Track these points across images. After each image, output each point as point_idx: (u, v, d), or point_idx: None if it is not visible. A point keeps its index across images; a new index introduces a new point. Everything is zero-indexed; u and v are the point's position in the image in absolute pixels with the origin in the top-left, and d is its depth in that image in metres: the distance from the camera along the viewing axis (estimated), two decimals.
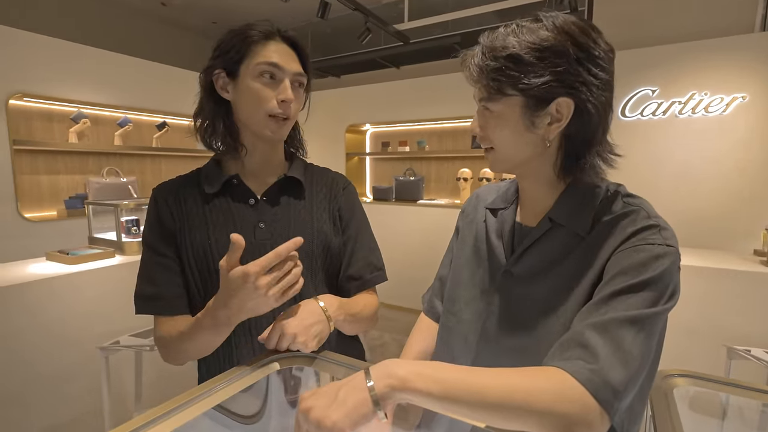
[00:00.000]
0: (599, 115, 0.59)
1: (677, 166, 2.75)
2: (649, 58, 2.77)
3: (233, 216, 0.81)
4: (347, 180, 0.96)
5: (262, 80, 0.76)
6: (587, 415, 0.45)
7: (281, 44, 0.79)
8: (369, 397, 0.45)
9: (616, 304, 0.52)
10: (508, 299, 0.66)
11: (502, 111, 0.60)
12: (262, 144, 0.83)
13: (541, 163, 0.63)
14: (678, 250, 0.56)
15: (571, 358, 0.49)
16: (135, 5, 4.44)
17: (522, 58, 0.56)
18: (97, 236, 2.10)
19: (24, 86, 2.49)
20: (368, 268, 0.89)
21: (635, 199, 0.63)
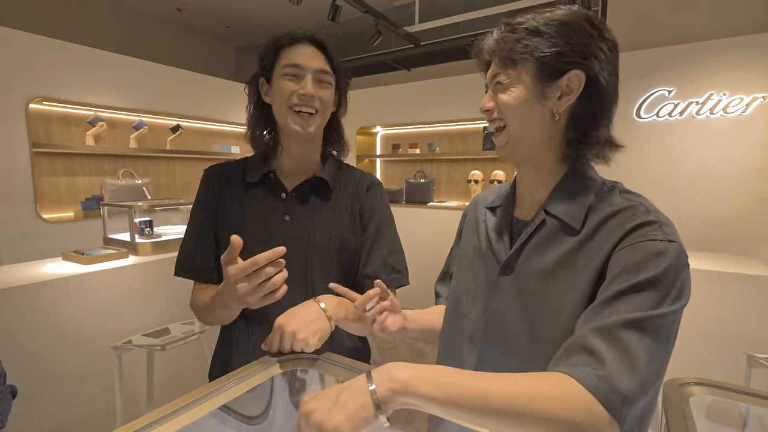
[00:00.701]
0: (608, 95, 0.60)
1: (694, 167, 2.69)
2: (665, 58, 2.72)
3: (265, 206, 0.88)
4: (375, 180, 0.98)
5: (286, 78, 0.83)
6: (596, 423, 0.44)
7: (308, 46, 0.85)
8: (371, 401, 0.44)
9: (619, 306, 0.50)
10: (509, 295, 0.65)
11: (514, 80, 0.61)
12: (296, 144, 0.89)
13: (546, 148, 0.63)
14: (681, 245, 0.54)
15: (577, 364, 0.47)
16: (151, 11, 4.53)
17: (539, 30, 0.59)
18: (111, 237, 2.14)
19: (43, 90, 2.55)
20: (385, 269, 0.90)
21: (634, 195, 0.61)
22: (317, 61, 0.84)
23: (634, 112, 2.84)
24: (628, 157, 2.53)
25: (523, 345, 0.61)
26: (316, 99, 0.83)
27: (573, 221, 0.60)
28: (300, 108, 0.83)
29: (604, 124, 0.61)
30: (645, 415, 0.48)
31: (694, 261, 1.91)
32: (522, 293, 0.63)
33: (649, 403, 0.49)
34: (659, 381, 0.52)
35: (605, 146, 0.61)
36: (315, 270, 0.87)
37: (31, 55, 2.48)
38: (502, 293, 0.66)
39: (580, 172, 0.63)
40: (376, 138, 4.34)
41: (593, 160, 0.63)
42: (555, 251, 0.61)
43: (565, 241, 0.60)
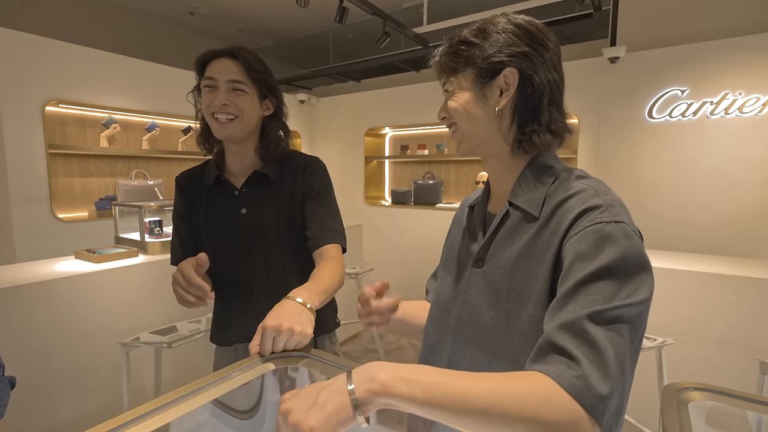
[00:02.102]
0: (543, 86, 0.63)
1: (709, 169, 2.62)
2: (678, 57, 2.66)
3: (224, 204, 1.04)
4: (312, 160, 1.10)
5: (205, 90, 0.96)
6: (575, 421, 0.43)
7: (224, 60, 0.96)
8: (349, 402, 0.44)
9: (580, 298, 0.50)
10: (481, 287, 0.66)
11: (457, 87, 0.67)
12: (230, 146, 1.03)
13: (497, 141, 0.67)
14: (631, 225, 0.54)
15: (552, 362, 0.47)
16: (164, 14, 4.62)
17: (469, 40, 0.65)
18: (122, 236, 2.18)
19: (59, 93, 2.63)
20: (323, 229, 1.01)
21: (587, 180, 0.62)
22: (230, 74, 0.95)
23: (646, 112, 2.78)
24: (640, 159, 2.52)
25: (496, 335, 0.63)
26: (231, 105, 0.94)
27: (532, 209, 0.62)
28: (217, 115, 0.95)
29: (543, 108, 0.65)
30: (619, 409, 0.47)
31: (709, 265, 1.87)
32: (492, 284, 0.64)
33: (623, 399, 0.48)
34: (631, 371, 0.50)
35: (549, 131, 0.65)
36: (271, 250, 1.02)
37: (46, 59, 2.56)
38: (474, 286, 0.67)
39: (541, 163, 0.66)
40: (385, 139, 4.34)
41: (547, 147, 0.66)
42: (519, 241, 0.62)
43: (527, 230, 0.62)
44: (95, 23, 4.23)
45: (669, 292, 1.84)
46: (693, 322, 1.81)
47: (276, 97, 1.05)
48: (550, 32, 0.67)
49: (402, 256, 3.84)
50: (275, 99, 1.05)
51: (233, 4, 4.35)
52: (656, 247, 2.63)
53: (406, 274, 3.81)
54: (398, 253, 3.87)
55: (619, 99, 2.88)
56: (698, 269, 1.81)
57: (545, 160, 0.66)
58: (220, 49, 0.97)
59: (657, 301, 1.84)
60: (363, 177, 4.15)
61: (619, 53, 2.75)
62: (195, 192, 1.06)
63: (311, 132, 4.58)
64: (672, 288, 1.84)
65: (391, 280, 0.84)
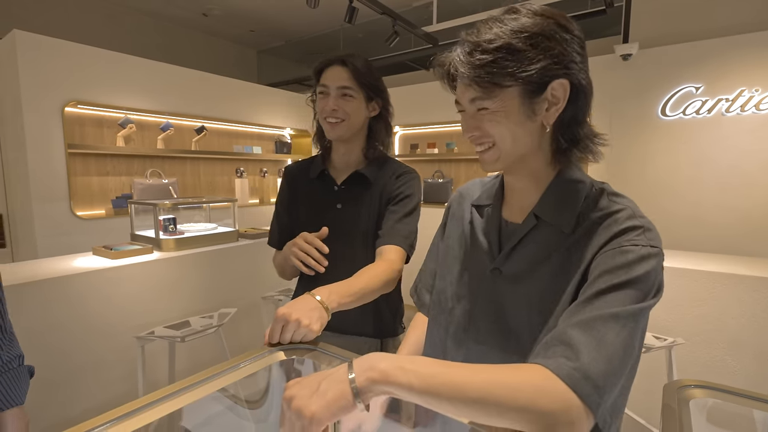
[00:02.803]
0: (589, 93, 0.60)
1: (724, 167, 2.58)
2: (692, 53, 2.62)
3: (323, 197, 1.13)
4: (407, 169, 1.15)
5: (320, 97, 1.07)
6: (570, 411, 0.44)
7: (335, 67, 1.04)
8: (350, 390, 0.46)
9: (599, 303, 0.51)
10: (497, 298, 0.65)
11: (501, 105, 0.58)
12: (338, 146, 1.12)
13: (535, 155, 0.63)
14: (662, 250, 0.55)
15: (553, 355, 0.48)
16: (178, 16, 4.71)
17: (515, 46, 0.55)
18: (138, 233, 2.24)
19: (78, 94, 2.70)
20: (392, 231, 1.04)
21: (621, 198, 0.61)
22: (339, 80, 1.03)
23: (659, 110, 2.74)
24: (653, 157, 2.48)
25: (511, 344, 0.62)
26: (339, 110, 1.03)
27: (565, 226, 0.60)
28: (329, 119, 1.04)
29: (585, 118, 0.62)
30: (618, 406, 0.48)
31: (722, 265, 1.84)
32: (511, 296, 0.64)
33: (620, 395, 0.49)
34: (632, 371, 0.52)
35: (589, 140, 0.62)
36: (357, 246, 1.08)
37: (66, 61, 2.64)
38: (491, 294, 0.66)
39: (569, 175, 0.63)
40: (395, 138, 4.36)
41: (582, 158, 0.63)
42: (544, 254, 0.61)
43: (557, 246, 0.61)
44: (113, 26, 4.33)
45: (681, 291, 1.82)
46: (705, 323, 1.78)
47: (382, 99, 1.12)
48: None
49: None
50: (381, 100, 1.11)
51: (245, 5, 4.41)
52: (670, 247, 2.59)
53: (415, 271, 3.82)
54: None
55: (632, 97, 2.84)
56: (710, 269, 1.78)
57: (573, 173, 0.63)
58: (334, 57, 1.05)
59: (669, 301, 1.82)
60: None
61: (632, 50, 2.72)
62: (300, 182, 1.16)
63: None
64: (684, 288, 1.82)
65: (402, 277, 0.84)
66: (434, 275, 0.82)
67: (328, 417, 0.45)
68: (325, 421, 0.45)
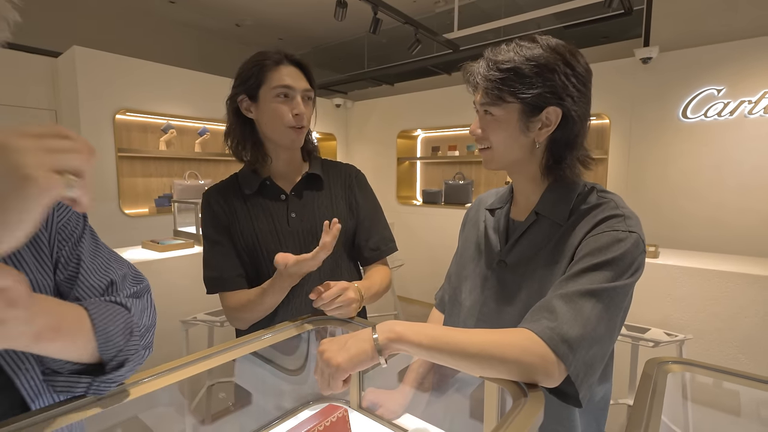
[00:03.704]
0: (580, 123, 0.70)
1: (747, 169, 2.57)
2: (714, 56, 2.63)
3: (270, 210, 1.00)
4: (356, 169, 1.13)
5: (278, 100, 0.93)
6: (547, 364, 0.56)
7: (290, 67, 0.95)
8: (372, 347, 0.59)
9: (581, 280, 0.62)
10: (502, 285, 0.77)
11: (502, 115, 0.70)
12: (284, 151, 1.01)
13: (529, 162, 0.74)
14: (640, 235, 0.65)
15: (538, 320, 0.60)
16: (214, 28, 5.00)
17: (522, 71, 0.67)
18: (180, 229, 2.46)
19: (127, 103, 2.97)
20: (384, 241, 1.08)
21: (608, 194, 0.72)
22: (302, 82, 0.95)
23: (680, 112, 2.76)
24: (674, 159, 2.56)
25: (513, 325, 0.72)
26: (305, 116, 0.96)
27: (559, 218, 0.72)
28: (294, 125, 0.94)
29: (579, 143, 0.72)
30: (591, 364, 0.59)
31: (735, 264, 1.87)
32: (515, 281, 0.75)
33: (596, 357, 0.60)
34: (609, 342, 0.63)
35: (579, 161, 0.72)
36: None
37: (117, 73, 2.90)
38: (497, 283, 0.78)
39: (565, 179, 0.74)
40: (417, 141, 4.48)
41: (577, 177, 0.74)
42: (543, 244, 0.73)
43: (551, 236, 0.73)
44: (157, 39, 4.65)
45: (694, 290, 1.87)
46: (718, 321, 1.82)
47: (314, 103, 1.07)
48: (588, 66, 0.70)
49: (432, 254, 3.96)
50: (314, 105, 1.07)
51: (275, 15, 4.64)
52: (690, 248, 2.60)
53: (435, 273, 3.93)
54: (428, 251, 3.99)
55: (652, 99, 2.86)
56: (723, 268, 1.82)
57: (569, 176, 0.73)
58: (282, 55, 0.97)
59: (682, 299, 1.87)
60: (395, 177, 4.30)
61: (652, 53, 2.75)
62: (234, 202, 1.01)
63: (346, 134, 4.80)
64: (697, 286, 1.86)
65: (420, 277, 0.95)
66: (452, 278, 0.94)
67: (350, 368, 0.58)
68: (348, 371, 0.59)
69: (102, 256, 0.62)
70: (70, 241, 0.59)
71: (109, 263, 0.63)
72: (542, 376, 0.56)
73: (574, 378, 0.57)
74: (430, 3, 4.35)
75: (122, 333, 0.54)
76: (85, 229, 0.62)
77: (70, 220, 0.60)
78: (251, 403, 0.86)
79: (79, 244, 0.60)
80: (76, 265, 0.58)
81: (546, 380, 0.57)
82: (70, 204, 0.38)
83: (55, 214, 0.59)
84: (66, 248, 0.58)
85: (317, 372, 0.61)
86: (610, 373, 0.78)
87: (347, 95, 5.24)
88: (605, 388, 0.78)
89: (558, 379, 0.57)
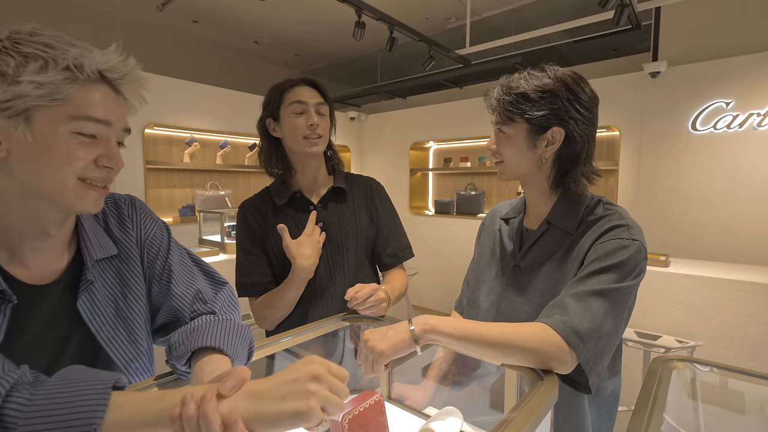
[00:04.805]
0: (583, 143, 0.79)
1: (758, 179, 2.61)
2: (722, 70, 2.69)
3: (300, 220, 1.10)
4: (377, 182, 1.24)
5: (294, 115, 1.05)
6: (560, 353, 0.64)
7: (304, 87, 1.07)
8: (409, 337, 0.68)
9: (590, 281, 0.71)
10: (517, 287, 0.86)
11: (512, 133, 0.81)
12: (309, 163, 1.10)
13: (539, 176, 0.84)
14: (642, 243, 0.74)
15: (552, 315, 0.69)
16: (235, 45, 5.21)
17: (528, 96, 0.78)
18: (205, 238, 2.58)
19: (155, 118, 3.13)
20: (401, 248, 1.18)
21: (613, 206, 0.81)
22: (315, 98, 1.07)
23: (689, 124, 2.81)
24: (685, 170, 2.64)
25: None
26: (320, 126, 1.06)
27: (569, 228, 0.81)
28: (309, 136, 1.05)
29: (584, 160, 0.81)
30: (600, 354, 0.67)
31: (745, 274, 1.91)
32: (528, 284, 0.84)
33: (604, 348, 0.68)
34: (615, 336, 0.71)
35: (584, 176, 0.81)
36: (349, 260, 1.10)
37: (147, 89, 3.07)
38: (512, 286, 0.86)
39: (574, 192, 0.83)
40: (429, 152, 4.58)
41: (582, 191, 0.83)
42: (554, 251, 0.82)
43: (562, 243, 0.81)
44: (181, 56, 4.88)
45: (704, 299, 1.91)
46: (729, 329, 1.86)
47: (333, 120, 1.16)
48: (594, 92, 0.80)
49: (444, 263, 4.03)
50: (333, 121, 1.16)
51: (292, 32, 4.82)
52: (702, 257, 2.63)
53: (448, 282, 3.99)
54: (441, 260, 4.06)
55: (661, 112, 2.93)
56: (733, 277, 1.86)
57: (578, 189, 0.82)
58: (298, 77, 1.09)
59: (692, 307, 1.92)
60: (408, 188, 4.40)
61: (660, 68, 2.82)
62: (267, 213, 1.10)
63: (360, 146, 4.92)
64: (707, 295, 1.90)
65: (433, 286, 1.03)
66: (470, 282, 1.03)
67: (392, 354, 0.68)
68: (390, 357, 0.68)
69: (187, 264, 0.71)
70: (159, 254, 0.67)
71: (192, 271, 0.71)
72: (556, 363, 0.65)
73: (584, 365, 0.65)
74: (442, 19, 4.49)
75: (241, 343, 0.63)
76: (170, 240, 0.71)
77: (156, 233, 0.69)
78: None
79: (168, 256, 0.68)
80: (168, 277, 0.67)
81: (559, 367, 0.65)
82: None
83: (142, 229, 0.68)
84: (158, 262, 0.67)
85: (361, 358, 0.71)
86: (618, 369, 0.85)
87: (361, 108, 5.39)
88: (614, 382, 0.85)
89: (570, 366, 0.65)
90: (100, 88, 0.54)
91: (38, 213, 0.55)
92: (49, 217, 0.56)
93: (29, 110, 0.49)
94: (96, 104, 0.53)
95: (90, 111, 0.52)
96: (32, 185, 0.52)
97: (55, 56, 0.49)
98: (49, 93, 0.49)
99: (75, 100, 0.51)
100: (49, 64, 0.49)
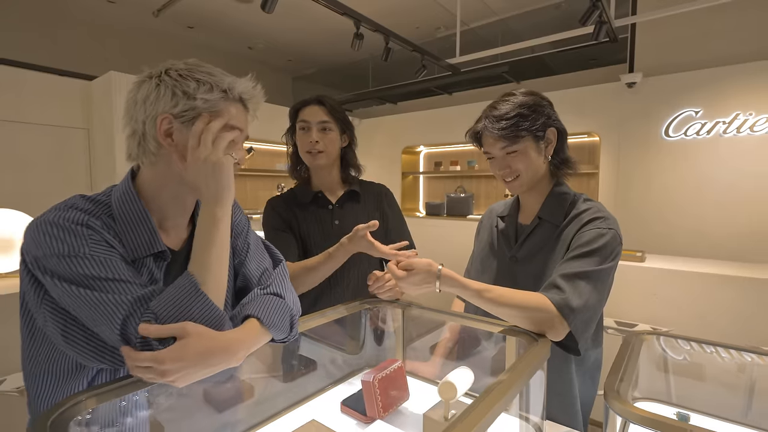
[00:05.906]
0: (564, 134, 0.98)
1: (723, 183, 2.84)
2: (692, 80, 2.92)
3: (320, 216, 1.26)
4: (386, 188, 1.41)
5: (301, 132, 1.23)
6: (552, 317, 0.79)
7: (313, 106, 1.23)
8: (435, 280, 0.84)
9: (575, 263, 0.86)
10: (513, 277, 1.01)
11: (521, 148, 0.96)
12: (317, 171, 1.28)
13: (543, 177, 1.00)
14: (617, 231, 0.90)
15: (550, 291, 0.84)
16: (230, 50, 5.29)
17: (523, 114, 0.94)
18: None
19: None
20: (406, 248, 1.26)
21: (591, 202, 0.98)
22: (318, 116, 1.21)
23: (663, 131, 3.03)
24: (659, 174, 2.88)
25: None
26: (320, 143, 1.20)
27: (557, 221, 0.97)
28: (310, 150, 1.21)
29: (565, 149, 0.99)
30: (588, 323, 0.82)
31: (714, 267, 2.10)
32: (524, 272, 0.99)
33: (591, 318, 0.83)
34: (599, 307, 0.86)
35: (569, 163, 0.99)
36: (361, 257, 1.17)
37: None
38: (509, 275, 1.01)
39: (560, 191, 1.00)
40: (420, 156, 4.74)
41: (567, 175, 1.00)
42: (546, 242, 0.97)
43: (551, 234, 0.97)
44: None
45: (678, 290, 2.09)
46: (699, 317, 2.05)
47: (351, 132, 1.31)
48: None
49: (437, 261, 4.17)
50: (350, 133, 1.31)
51: (285, 38, 4.94)
52: (673, 254, 2.84)
53: None
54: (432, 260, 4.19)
55: (638, 119, 3.14)
56: (703, 271, 2.05)
57: (561, 188, 1.00)
58: (309, 98, 1.23)
59: (667, 299, 2.10)
60: (400, 191, 4.55)
61: (636, 79, 3.04)
62: (293, 208, 1.26)
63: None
64: (680, 287, 2.09)
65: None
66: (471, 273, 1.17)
67: (414, 291, 0.85)
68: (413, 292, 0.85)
69: (259, 247, 0.85)
70: (242, 233, 0.82)
71: (263, 254, 0.84)
72: (548, 328, 0.79)
73: (575, 332, 0.80)
74: (432, 29, 4.67)
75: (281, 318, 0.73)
76: (249, 224, 0.86)
77: (241, 219, 0.84)
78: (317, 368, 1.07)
79: (248, 236, 0.83)
80: (245, 252, 0.81)
81: (551, 332, 0.80)
82: None
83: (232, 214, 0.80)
84: (240, 239, 0.81)
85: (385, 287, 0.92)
86: (600, 341, 1.00)
87: (353, 113, 5.52)
88: (597, 352, 1.00)
89: (561, 334, 0.80)
90: (237, 105, 0.71)
91: (182, 195, 0.72)
92: (187, 200, 0.74)
93: (194, 119, 0.65)
94: (236, 116, 0.70)
95: (233, 121, 0.69)
96: (182, 174, 0.68)
97: (217, 82, 0.67)
98: (210, 107, 0.66)
99: (224, 113, 0.68)
100: (214, 87, 0.67)
